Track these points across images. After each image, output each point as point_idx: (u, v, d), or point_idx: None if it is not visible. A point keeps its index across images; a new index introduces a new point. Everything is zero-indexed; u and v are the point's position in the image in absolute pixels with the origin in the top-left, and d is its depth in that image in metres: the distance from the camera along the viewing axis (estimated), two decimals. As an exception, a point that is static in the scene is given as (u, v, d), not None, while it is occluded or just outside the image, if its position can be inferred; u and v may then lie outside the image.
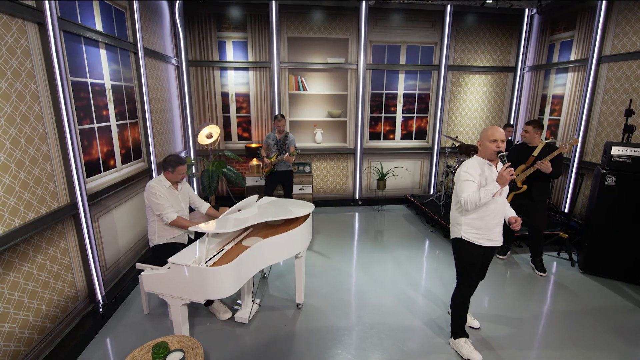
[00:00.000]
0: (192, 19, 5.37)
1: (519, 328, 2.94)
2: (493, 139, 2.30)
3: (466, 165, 2.41)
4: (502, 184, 2.21)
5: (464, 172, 2.37)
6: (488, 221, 2.38)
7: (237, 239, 2.65)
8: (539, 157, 3.63)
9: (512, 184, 3.73)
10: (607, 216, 3.67)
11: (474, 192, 2.28)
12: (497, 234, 2.44)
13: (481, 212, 2.37)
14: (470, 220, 2.41)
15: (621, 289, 3.57)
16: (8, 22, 2.22)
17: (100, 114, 3.25)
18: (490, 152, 2.33)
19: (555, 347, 2.72)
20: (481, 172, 2.36)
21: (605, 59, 4.64)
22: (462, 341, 2.58)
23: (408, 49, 5.86)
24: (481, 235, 2.41)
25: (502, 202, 2.42)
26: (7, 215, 2.16)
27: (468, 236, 2.43)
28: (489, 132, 2.33)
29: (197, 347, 2.12)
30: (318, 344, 2.72)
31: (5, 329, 2.15)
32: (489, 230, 2.40)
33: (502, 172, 2.20)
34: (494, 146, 2.29)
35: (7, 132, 2.19)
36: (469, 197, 2.28)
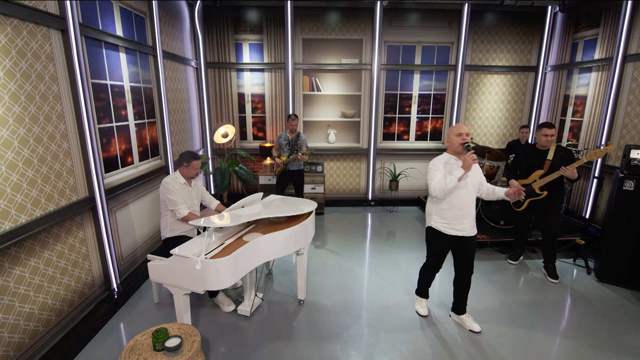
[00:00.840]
0: (210, 22, 5.57)
1: (523, 335, 2.87)
2: (458, 133, 2.58)
3: (434, 160, 2.71)
4: (466, 169, 2.47)
5: (431, 165, 2.68)
6: (455, 211, 2.62)
7: (239, 234, 2.77)
8: (555, 160, 3.50)
9: (530, 190, 3.62)
10: (625, 222, 3.51)
11: (441, 179, 2.53)
12: (465, 225, 2.66)
13: (449, 202, 2.61)
14: (440, 211, 2.68)
15: (636, 299, 3.40)
16: (33, 30, 2.44)
17: (119, 114, 3.46)
18: (456, 144, 2.59)
19: (562, 356, 2.65)
20: (446, 162, 2.63)
21: (630, 57, 4.42)
22: (418, 298, 3.15)
23: (423, 49, 5.81)
24: (448, 225, 2.67)
25: (469, 194, 2.62)
26: (30, 206, 2.37)
27: (437, 225, 2.73)
28: (454, 127, 2.64)
29: (195, 334, 2.24)
30: (315, 338, 2.79)
31: (26, 309, 2.36)
32: (456, 220, 2.64)
33: (466, 157, 2.46)
34: (460, 139, 2.56)
35: (30, 130, 2.40)
36: (437, 184, 2.54)
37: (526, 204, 3.73)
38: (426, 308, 3.11)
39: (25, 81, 2.36)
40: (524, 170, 3.69)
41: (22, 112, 2.33)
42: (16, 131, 2.29)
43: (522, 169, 3.71)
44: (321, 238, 4.82)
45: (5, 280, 2.21)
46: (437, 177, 2.57)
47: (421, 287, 3.10)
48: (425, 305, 3.13)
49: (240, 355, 2.59)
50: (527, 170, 3.66)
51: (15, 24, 2.28)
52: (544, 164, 3.56)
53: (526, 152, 3.72)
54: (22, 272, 2.34)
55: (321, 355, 2.62)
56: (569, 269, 4.02)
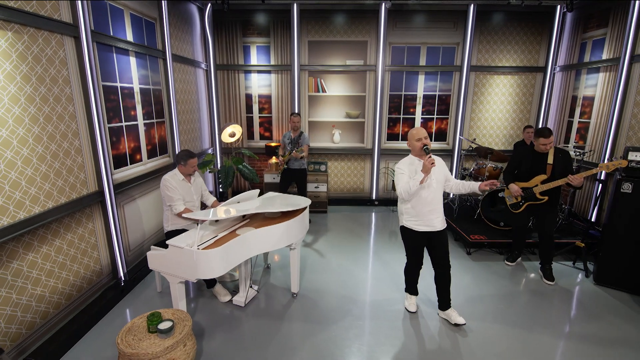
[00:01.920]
0: (220, 26, 5.79)
1: (511, 334, 2.91)
2: (418, 138, 2.72)
3: (398, 163, 2.86)
4: (425, 172, 2.60)
5: (396, 168, 2.83)
6: (420, 209, 2.77)
7: (233, 228, 2.93)
8: (556, 164, 3.47)
9: (530, 194, 3.62)
10: (623, 225, 3.47)
11: (405, 183, 2.69)
12: (433, 220, 2.80)
13: (414, 201, 2.77)
14: (408, 209, 2.84)
15: (634, 302, 3.36)
16: (48, 37, 2.67)
17: (128, 114, 3.69)
18: (417, 149, 2.74)
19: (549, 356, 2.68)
20: (410, 164, 2.78)
21: (638, 57, 4.33)
22: (407, 295, 3.23)
23: (428, 50, 5.84)
24: (418, 222, 2.82)
25: (435, 191, 2.76)
26: (43, 198, 2.61)
27: (407, 224, 2.87)
28: (413, 132, 2.77)
29: (187, 319, 2.42)
30: (304, 329, 2.92)
31: (37, 292, 2.60)
32: (423, 216, 2.79)
33: (425, 162, 2.58)
34: (420, 144, 2.70)
35: (44, 128, 2.63)
36: (402, 187, 2.71)
37: (524, 207, 3.73)
38: (414, 305, 3.19)
39: (40, 84, 2.60)
40: (525, 172, 3.66)
41: (37, 112, 2.57)
42: (31, 129, 2.52)
43: (522, 171, 3.68)
44: (322, 235, 4.95)
45: (19, 265, 2.45)
46: (403, 181, 2.73)
47: (409, 285, 3.19)
48: (414, 302, 3.20)
49: (232, 342, 2.75)
50: (528, 174, 3.64)
51: (31, 33, 2.52)
52: (545, 168, 3.53)
53: (526, 154, 3.69)
54: (35, 258, 2.57)
55: (308, 344, 2.74)
56: (568, 271, 3.99)
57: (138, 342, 2.21)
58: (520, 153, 3.80)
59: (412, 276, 3.12)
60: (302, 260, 4.14)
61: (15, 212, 2.38)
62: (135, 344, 2.19)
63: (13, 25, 2.37)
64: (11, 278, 2.38)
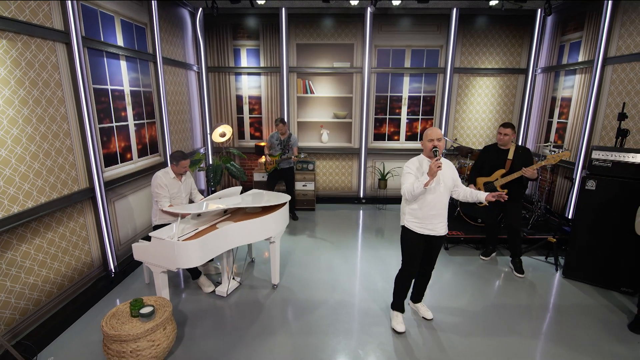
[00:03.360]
0: (211, 29, 5.98)
1: (469, 321, 3.10)
2: (430, 139, 2.63)
3: (408, 161, 2.77)
4: (431, 175, 2.48)
5: (405, 167, 2.75)
6: (426, 212, 2.67)
7: (213, 222, 3.12)
8: (515, 160, 3.69)
9: (491, 188, 3.82)
10: (589, 221, 3.64)
11: (410, 184, 2.60)
12: (436, 225, 2.71)
13: (420, 202, 2.67)
14: (412, 210, 2.73)
15: (598, 294, 3.54)
16: (41, 44, 2.87)
17: (119, 115, 3.89)
18: (427, 149, 2.65)
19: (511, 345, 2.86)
20: (419, 165, 2.70)
21: (610, 60, 4.51)
22: (394, 313, 3.01)
23: (413, 52, 6.02)
24: (420, 224, 2.71)
25: (441, 195, 2.67)
26: (35, 193, 2.80)
27: (410, 225, 2.76)
28: (428, 132, 2.67)
29: (167, 305, 2.61)
30: (282, 317, 3.11)
31: (31, 281, 2.79)
32: (427, 220, 2.69)
33: (431, 164, 2.47)
34: (431, 144, 2.61)
35: (37, 129, 2.83)
36: (407, 188, 2.63)
37: None
38: (403, 324, 2.94)
39: (33, 88, 2.80)
40: (487, 168, 3.87)
41: (30, 114, 2.76)
42: (25, 130, 2.72)
43: (486, 168, 3.89)
44: (307, 232, 5.14)
45: (13, 255, 2.64)
46: (409, 181, 2.63)
47: (397, 299, 2.97)
48: (402, 320, 2.96)
49: (213, 328, 2.95)
50: (490, 169, 3.85)
51: (25, 40, 2.71)
52: (505, 164, 3.74)
53: (490, 153, 3.90)
54: (28, 249, 2.77)
55: (284, 330, 2.93)
56: (540, 265, 4.17)
57: (121, 325, 2.40)
58: (484, 151, 3.99)
59: (404, 286, 2.92)
60: (286, 254, 4.33)
61: (10, 206, 2.57)
62: (118, 326, 2.39)
63: (7, 33, 2.57)
64: (5, 267, 2.58)
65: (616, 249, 3.50)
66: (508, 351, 2.73)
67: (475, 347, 2.77)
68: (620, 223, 3.43)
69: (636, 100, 4.16)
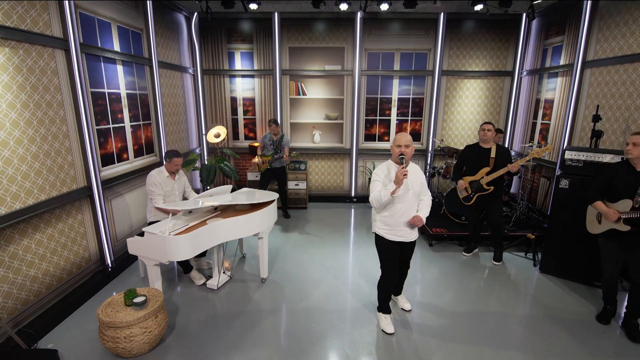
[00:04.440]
0: (206, 33, 6.17)
1: (453, 315, 3.28)
2: (397, 144, 2.63)
3: (377, 168, 2.80)
4: (397, 183, 2.50)
5: (373, 174, 2.77)
6: (396, 219, 2.71)
7: (204, 218, 3.31)
8: (498, 158, 3.87)
9: (478, 186, 4.01)
10: (563, 218, 3.82)
11: (377, 192, 2.63)
12: (405, 231, 2.75)
13: (390, 210, 2.71)
14: (382, 217, 2.78)
15: (570, 288, 3.72)
16: (41, 51, 3.05)
17: (116, 117, 4.07)
18: (395, 155, 2.67)
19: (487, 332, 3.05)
20: (387, 172, 2.72)
21: (588, 64, 4.69)
22: (382, 315, 3.06)
23: (402, 55, 6.20)
24: (390, 231, 2.76)
25: (410, 202, 2.71)
26: (36, 191, 2.99)
27: (380, 232, 2.82)
28: (396, 137, 2.69)
29: (159, 296, 2.79)
30: (269, 307, 3.29)
31: (31, 273, 2.98)
32: (397, 226, 2.73)
33: (397, 172, 2.49)
34: (398, 150, 2.61)
35: (38, 130, 3.02)
36: (373, 196, 2.66)
37: (475, 198, 4.09)
38: (392, 325, 2.98)
39: (34, 92, 2.98)
40: (471, 167, 4.06)
41: (31, 117, 2.95)
42: (26, 131, 2.90)
43: (470, 166, 4.07)
44: (298, 229, 5.32)
45: (15, 249, 2.83)
46: (376, 189, 2.64)
47: (382, 303, 3.02)
48: (390, 322, 3.01)
49: (203, 318, 3.13)
50: (474, 168, 4.03)
51: (26, 47, 2.90)
52: (489, 162, 3.93)
53: (472, 152, 4.08)
54: (29, 244, 2.95)
55: (271, 319, 3.12)
56: (519, 261, 4.35)
57: (116, 313, 2.59)
58: (467, 151, 4.17)
59: (387, 291, 2.98)
60: (276, 251, 4.51)
61: (12, 202, 2.76)
62: (113, 314, 2.57)
63: (10, 41, 2.75)
64: (8, 260, 2.77)
65: (588, 245, 3.67)
66: (483, 335, 2.91)
67: (454, 332, 2.95)
68: (591, 220, 3.61)
69: (612, 102, 4.34)
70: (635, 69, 4.01)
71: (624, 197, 2.86)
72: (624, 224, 2.85)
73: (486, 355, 2.74)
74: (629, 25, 4.12)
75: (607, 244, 3.07)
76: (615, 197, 2.94)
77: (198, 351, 2.73)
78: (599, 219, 3.10)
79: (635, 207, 2.78)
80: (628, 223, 2.82)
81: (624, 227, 2.85)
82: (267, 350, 2.75)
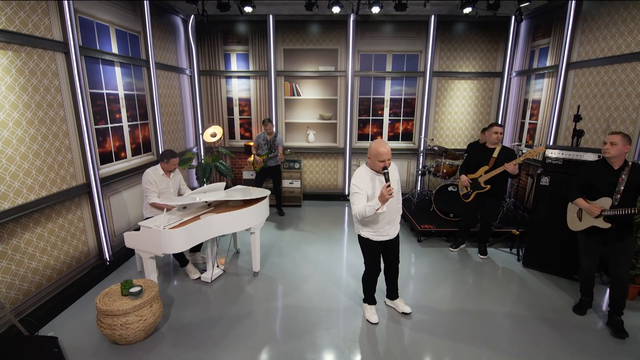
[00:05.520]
0: (202, 35, 6.32)
1: (431, 309, 3.43)
2: (381, 159, 2.62)
3: (355, 178, 2.76)
4: (382, 201, 2.55)
5: (352, 185, 2.74)
6: (380, 221, 2.82)
7: (198, 214, 3.45)
8: (499, 158, 3.98)
9: (476, 184, 4.14)
10: (544, 214, 3.96)
11: (362, 207, 2.63)
12: (389, 230, 2.89)
13: (373, 216, 2.74)
14: (365, 222, 2.84)
15: (551, 281, 3.87)
16: (42, 54, 3.20)
17: (114, 117, 4.22)
18: (377, 168, 2.68)
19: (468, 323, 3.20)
20: (367, 181, 2.73)
21: (572, 65, 4.83)
22: (367, 306, 3.22)
23: (394, 57, 6.35)
24: (375, 233, 2.87)
25: (392, 204, 2.79)
26: (37, 187, 3.14)
27: (364, 234, 2.90)
28: (379, 150, 2.61)
29: (154, 286, 2.94)
30: (260, 299, 3.44)
31: (33, 265, 3.13)
32: (381, 228, 2.85)
33: (383, 190, 2.52)
34: (382, 165, 2.63)
35: (39, 130, 3.16)
36: (358, 210, 2.66)
37: (473, 195, 4.23)
38: (376, 315, 3.13)
39: (35, 93, 3.13)
40: (474, 166, 4.19)
41: (33, 117, 3.10)
42: (28, 130, 3.05)
43: (472, 164, 4.21)
44: (292, 226, 5.47)
45: (17, 242, 2.98)
46: (359, 202, 2.66)
47: (367, 294, 3.17)
48: (375, 312, 3.16)
49: (197, 308, 3.28)
50: (476, 167, 4.17)
51: (28, 51, 3.05)
52: (489, 161, 4.05)
53: (476, 151, 4.22)
54: (30, 237, 3.10)
55: (261, 309, 3.26)
56: (504, 256, 4.49)
57: (113, 302, 2.74)
58: (470, 148, 4.33)
59: (371, 284, 3.12)
60: (269, 246, 4.66)
61: (15, 198, 2.91)
62: (110, 303, 2.72)
63: (13, 45, 2.90)
64: (11, 252, 2.92)
65: (568, 240, 3.81)
66: (466, 327, 3.06)
67: (439, 325, 3.10)
68: (571, 216, 3.75)
69: (594, 102, 4.49)
70: (615, 70, 4.16)
71: (603, 195, 2.92)
72: (604, 222, 2.92)
73: (470, 345, 2.88)
74: (609, 28, 4.27)
75: (587, 239, 3.15)
76: (595, 195, 3.00)
77: (191, 338, 2.88)
78: (579, 216, 3.17)
79: (615, 205, 2.86)
80: (608, 220, 2.90)
81: (604, 224, 2.92)
82: (258, 339, 2.90)
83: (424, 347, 2.84)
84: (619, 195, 2.84)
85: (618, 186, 2.85)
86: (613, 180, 2.88)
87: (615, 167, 2.90)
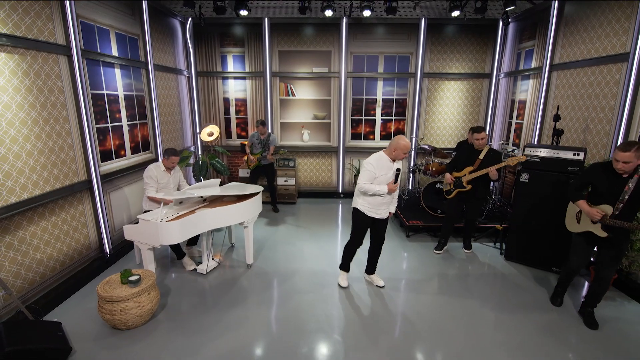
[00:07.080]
0: (200, 37, 6.51)
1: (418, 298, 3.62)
2: (405, 152, 3.17)
3: (373, 158, 3.25)
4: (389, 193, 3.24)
5: (368, 163, 3.23)
6: (378, 201, 3.34)
7: (193, 208, 3.65)
8: (485, 160, 4.10)
9: (459, 182, 4.31)
10: (524, 210, 4.15)
11: (369, 185, 3.19)
12: (382, 211, 3.40)
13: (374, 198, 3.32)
14: (367, 197, 3.33)
15: (531, 274, 4.06)
16: (46, 57, 3.39)
17: (114, 117, 4.41)
18: (401, 158, 3.21)
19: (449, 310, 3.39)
20: (382, 166, 3.22)
21: (555, 67, 5.03)
22: (341, 272, 3.73)
23: (386, 58, 6.55)
24: (371, 210, 3.36)
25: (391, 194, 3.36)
26: (42, 183, 3.33)
27: (362, 208, 3.38)
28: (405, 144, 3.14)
29: (152, 275, 3.13)
30: (252, 289, 3.63)
31: (37, 257, 3.32)
32: (377, 207, 3.35)
33: (391, 186, 3.20)
34: (404, 156, 3.21)
35: (43, 129, 3.36)
36: (364, 185, 3.22)
37: (455, 193, 4.40)
38: (347, 281, 3.70)
39: (40, 94, 3.32)
40: (461, 165, 4.32)
41: (38, 116, 3.29)
42: (33, 129, 3.24)
43: (460, 163, 4.34)
44: (286, 222, 5.66)
45: (23, 234, 3.17)
46: (367, 179, 3.20)
47: (345, 262, 3.67)
48: (346, 278, 3.71)
49: (192, 298, 3.47)
50: (462, 166, 4.31)
51: (33, 54, 3.24)
52: (475, 162, 4.19)
53: (464, 150, 4.36)
54: (35, 230, 3.29)
55: (254, 298, 3.46)
56: (488, 250, 4.69)
57: (113, 289, 2.93)
58: (458, 147, 4.50)
59: (351, 254, 3.61)
60: (263, 241, 4.85)
61: (21, 192, 3.10)
62: (110, 290, 2.91)
63: (19, 49, 3.09)
64: (17, 243, 3.11)
65: (547, 234, 4.01)
66: (442, 306, 3.26)
67: (425, 312, 3.30)
68: (549, 210, 3.93)
69: (574, 103, 4.68)
70: (594, 72, 4.35)
71: (606, 202, 2.85)
72: (602, 230, 2.90)
73: (451, 329, 3.08)
74: (588, 31, 4.46)
75: (581, 241, 3.14)
76: (598, 200, 2.92)
77: (187, 324, 3.07)
78: (578, 218, 3.13)
79: (615, 214, 2.79)
80: (606, 229, 2.88)
81: (602, 233, 2.90)
82: (251, 325, 3.09)
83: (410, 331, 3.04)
84: (622, 204, 2.76)
85: (623, 195, 2.75)
86: (619, 188, 2.78)
87: (624, 175, 2.78)
